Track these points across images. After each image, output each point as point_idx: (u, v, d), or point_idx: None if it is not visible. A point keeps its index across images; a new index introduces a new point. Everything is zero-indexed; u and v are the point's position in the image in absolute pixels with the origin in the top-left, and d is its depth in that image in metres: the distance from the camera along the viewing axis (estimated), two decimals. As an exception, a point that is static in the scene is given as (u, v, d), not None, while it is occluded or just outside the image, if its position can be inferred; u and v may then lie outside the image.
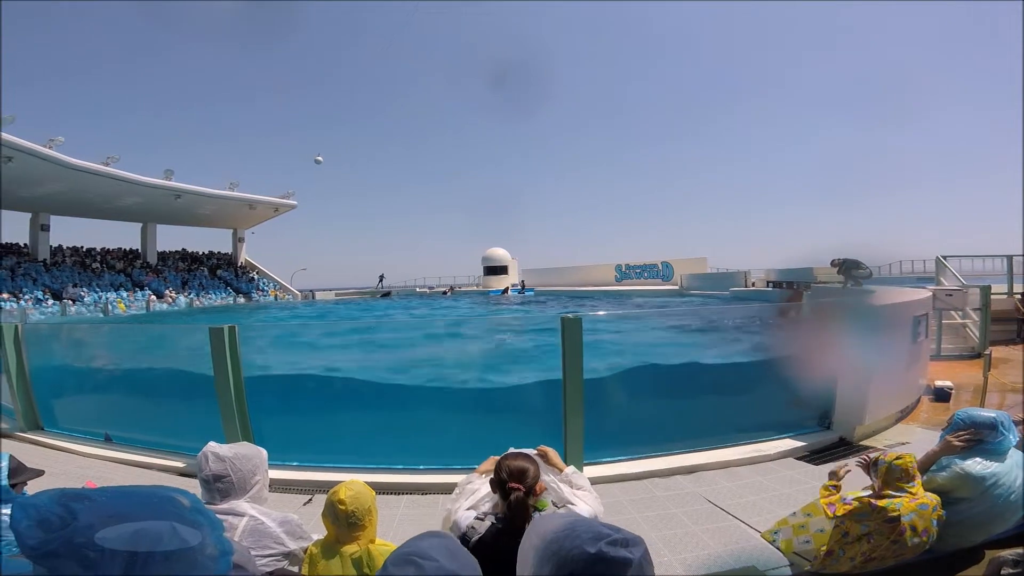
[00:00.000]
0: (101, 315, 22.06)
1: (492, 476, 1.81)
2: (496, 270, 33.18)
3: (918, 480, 2.23)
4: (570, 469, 2.12)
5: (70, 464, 4.42)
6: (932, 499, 2.22)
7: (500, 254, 33.75)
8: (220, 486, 1.80)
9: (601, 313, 7.58)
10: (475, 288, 33.91)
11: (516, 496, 1.67)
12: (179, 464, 4.36)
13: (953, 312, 9.08)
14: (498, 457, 1.92)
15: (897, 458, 2.21)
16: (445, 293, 31.97)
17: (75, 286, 25.43)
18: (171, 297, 28.23)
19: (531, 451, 2.12)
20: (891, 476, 2.20)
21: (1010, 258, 11.49)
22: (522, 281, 30.96)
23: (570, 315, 3.93)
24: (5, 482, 1.88)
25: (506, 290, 28.60)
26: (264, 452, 1.97)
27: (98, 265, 29.67)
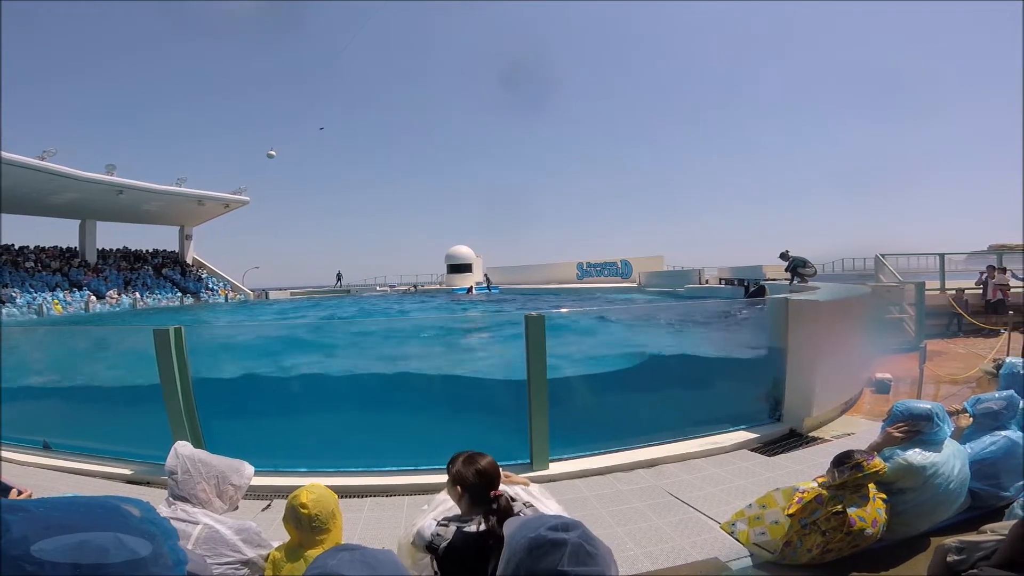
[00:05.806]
0: (35, 317, 20.72)
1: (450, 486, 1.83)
2: (460, 268, 32.96)
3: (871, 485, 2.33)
4: (534, 486, 2.21)
5: (4, 474, 4.11)
6: (871, 489, 2.33)
7: (464, 252, 33.53)
8: (172, 481, 1.83)
9: (564, 310, 7.65)
10: (439, 287, 33.58)
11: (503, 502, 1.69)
12: (126, 471, 4.11)
13: (891, 307, 9.61)
14: None
15: (875, 471, 2.26)
16: (409, 291, 31.62)
17: (6, 287, 23.72)
18: (113, 298, 26.71)
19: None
20: (860, 481, 2.26)
21: (942, 256, 12.30)
22: (487, 278, 30.88)
23: (534, 313, 3.94)
24: None
25: (471, 288, 28.48)
26: (245, 466, 2.03)
27: (32, 264, 27.76)
